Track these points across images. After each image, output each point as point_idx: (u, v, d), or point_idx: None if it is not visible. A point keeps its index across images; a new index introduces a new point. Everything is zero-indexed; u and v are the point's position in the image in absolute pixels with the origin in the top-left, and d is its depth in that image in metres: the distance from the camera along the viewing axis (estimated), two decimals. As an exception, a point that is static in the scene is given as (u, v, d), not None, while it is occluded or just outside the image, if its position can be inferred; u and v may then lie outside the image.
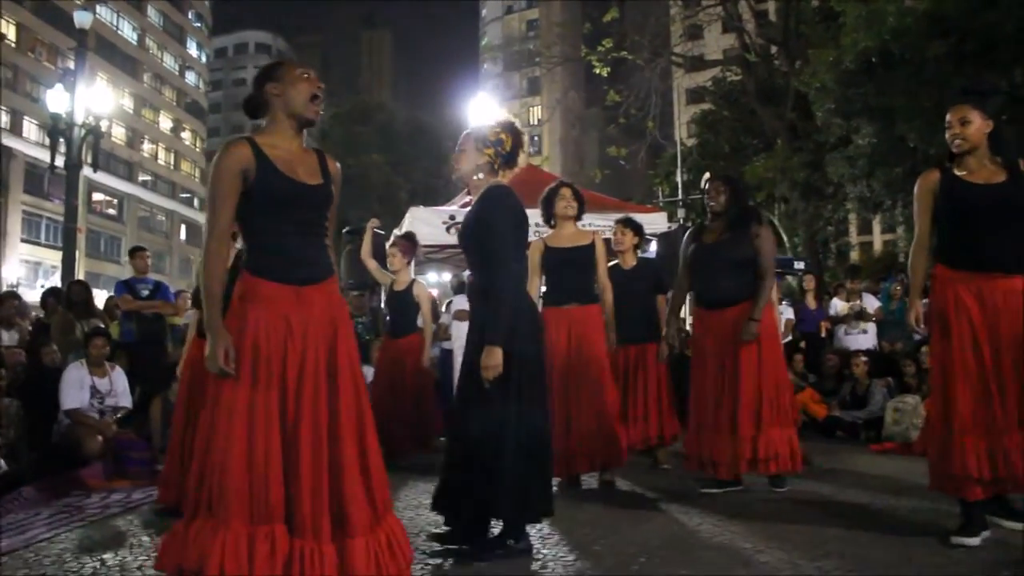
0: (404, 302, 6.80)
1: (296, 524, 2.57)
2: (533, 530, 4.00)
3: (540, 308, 5.31)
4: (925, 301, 4.05)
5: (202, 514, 2.56)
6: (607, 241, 5.80)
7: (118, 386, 6.68)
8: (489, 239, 3.55)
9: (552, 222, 5.39)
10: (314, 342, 2.72)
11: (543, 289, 5.42)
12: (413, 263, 7.27)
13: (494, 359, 3.43)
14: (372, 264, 7.20)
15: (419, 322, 6.91)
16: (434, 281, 16.12)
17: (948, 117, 3.82)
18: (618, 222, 6.23)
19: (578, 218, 5.37)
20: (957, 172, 3.82)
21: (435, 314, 8.82)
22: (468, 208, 9.82)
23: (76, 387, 6.44)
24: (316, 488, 2.60)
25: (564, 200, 5.28)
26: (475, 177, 3.80)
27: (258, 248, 2.81)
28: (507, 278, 3.53)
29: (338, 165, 3.07)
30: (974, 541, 3.55)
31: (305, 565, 2.53)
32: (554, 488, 5.12)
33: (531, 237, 8.58)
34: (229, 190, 2.71)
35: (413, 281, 7.00)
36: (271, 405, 2.62)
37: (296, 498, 2.58)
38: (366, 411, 2.77)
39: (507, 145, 3.80)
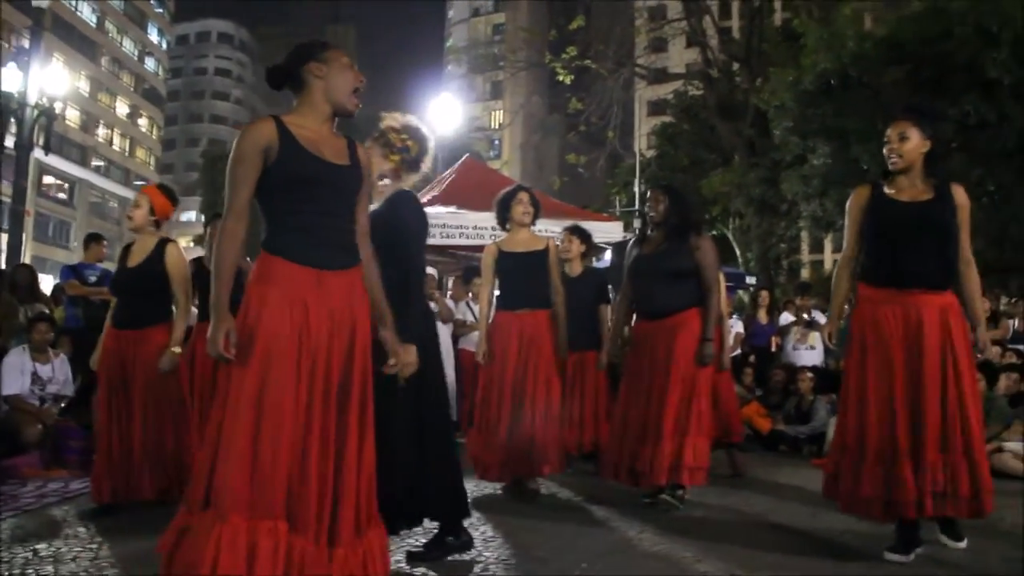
0: None
1: (299, 524, 2.44)
2: (476, 533, 4.00)
3: (493, 312, 5.33)
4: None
5: (199, 508, 2.41)
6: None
7: (60, 374, 6.56)
8: (400, 242, 3.49)
9: (507, 226, 5.36)
10: (331, 333, 2.59)
11: (496, 293, 5.39)
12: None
13: (412, 355, 3.34)
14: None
15: None
16: (388, 280, 16.06)
17: (888, 131, 3.83)
18: (566, 229, 6.24)
19: (532, 223, 5.36)
20: (887, 190, 3.82)
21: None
22: (427, 207, 9.80)
23: (16, 372, 6.31)
24: (323, 488, 2.49)
25: (522, 205, 5.25)
26: (380, 182, 3.74)
27: (278, 227, 2.64)
28: (418, 279, 3.55)
29: (368, 154, 3.00)
30: (906, 558, 3.60)
31: (305, 568, 2.42)
32: (497, 492, 5.16)
33: (486, 240, 8.67)
34: (250, 167, 2.59)
35: None
36: (283, 394, 2.47)
37: (302, 496, 2.45)
38: (369, 415, 2.66)
39: (413, 151, 3.76)
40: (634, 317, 5.16)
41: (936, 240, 3.69)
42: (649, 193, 5.16)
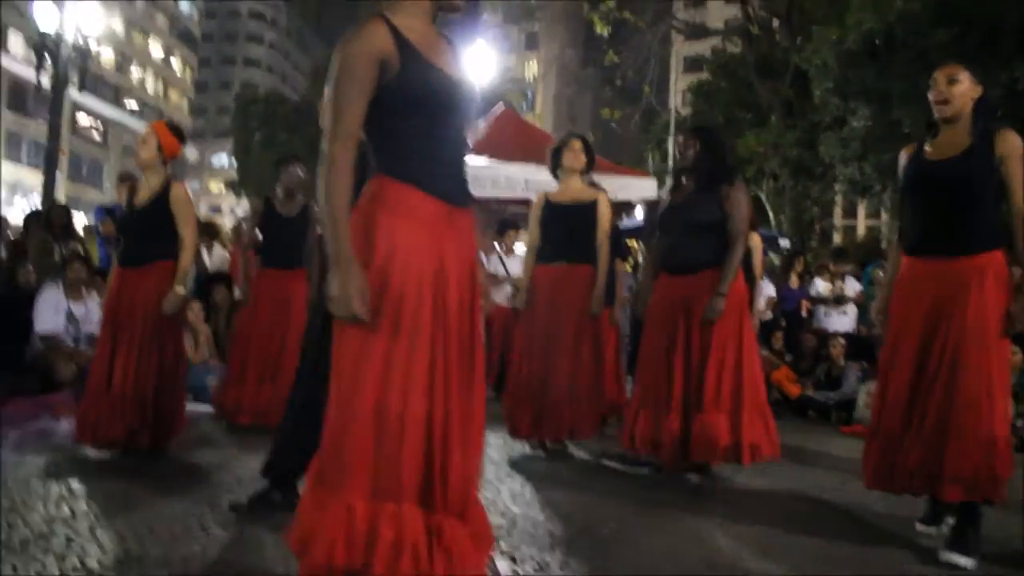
0: None
1: (434, 502, 2.11)
2: (504, 488, 4.01)
3: (533, 264, 5.16)
4: None
5: (321, 487, 2.12)
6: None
7: (94, 313, 6.59)
8: None
9: (557, 173, 5.20)
10: (460, 282, 2.23)
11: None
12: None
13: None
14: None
15: None
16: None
17: (935, 75, 3.45)
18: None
19: (586, 172, 5.17)
20: (927, 148, 3.51)
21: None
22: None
23: (51, 310, 6.37)
24: (464, 461, 2.17)
25: (572, 152, 5.07)
26: None
27: (401, 152, 2.21)
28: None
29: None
30: (936, 530, 3.55)
31: (450, 546, 2.10)
32: (527, 450, 5.14)
33: (518, 193, 8.60)
34: (365, 83, 2.15)
35: None
36: (417, 356, 2.11)
37: (439, 474, 2.12)
38: (482, 378, 2.31)
39: None
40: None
41: (960, 199, 3.34)
42: (681, 137, 4.78)
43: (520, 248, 8.60)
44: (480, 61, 17.89)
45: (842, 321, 9.10)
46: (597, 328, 5.12)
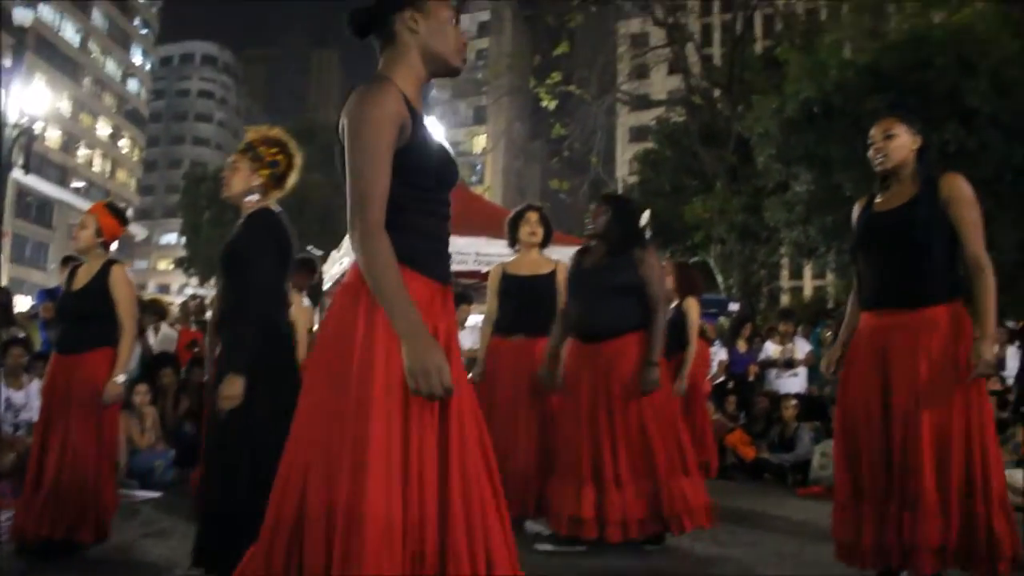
0: None
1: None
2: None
3: (490, 336, 5.11)
4: None
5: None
6: None
7: (35, 400, 6.40)
8: (245, 267, 3.33)
9: (515, 247, 5.18)
10: (459, 362, 2.19)
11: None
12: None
13: (234, 389, 3.15)
14: None
15: None
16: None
17: (872, 131, 3.43)
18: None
19: (543, 246, 5.15)
20: (876, 200, 3.46)
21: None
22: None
23: (-11, 398, 6.18)
24: (471, 530, 2.03)
25: (529, 225, 5.05)
26: (249, 198, 3.55)
27: (401, 225, 2.08)
28: (257, 303, 3.29)
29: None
30: None
31: None
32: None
33: (470, 266, 8.61)
34: (392, 146, 2.05)
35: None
36: (425, 433, 2.01)
37: (451, 547, 1.99)
38: (488, 444, 2.20)
39: (282, 166, 3.61)
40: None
41: (908, 249, 3.26)
42: (592, 204, 4.78)
43: (472, 321, 8.59)
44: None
45: (793, 382, 9.18)
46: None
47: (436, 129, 19.06)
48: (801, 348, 9.51)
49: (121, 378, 4.23)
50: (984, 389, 3.19)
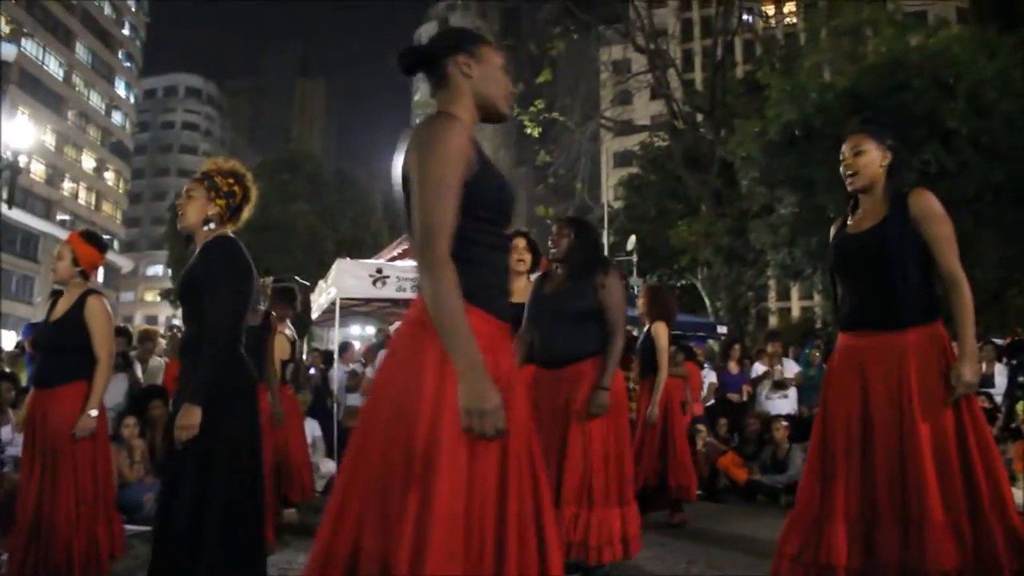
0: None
1: None
2: None
3: None
4: None
5: None
6: None
7: (20, 436, 6.37)
8: (206, 295, 3.30)
9: None
10: (524, 399, 2.19)
11: None
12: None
13: (191, 419, 3.12)
14: None
15: None
16: (357, 334, 15.95)
17: (842, 148, 3.37)
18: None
19: (532, 271, 5.00)
20: (850, 221, 3.39)
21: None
22: (393, 260, 9.70)
23: (-25, 433, 6.14)
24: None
25: (516, 252, 4.89)
26: (205, 228, 3.52)
27: (469, 262, 2.06)
28: (215, 332, 3.26)
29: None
30: None
31: None
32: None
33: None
34: (458, 180, 2.04)
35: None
36: (488, 478, 1.98)
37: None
38: (544, 483, 2.16)
39: (238, 197, 3.60)
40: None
41: (881, 269, 3.18)
42: (554, 227, 4.56)
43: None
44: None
45: (783, 403, 9.20)
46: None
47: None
48: (789, 369, 9.56)
49: (94, 412, 4.06)
50: (976, 404, 3.10)
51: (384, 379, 2.10)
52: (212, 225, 3.50)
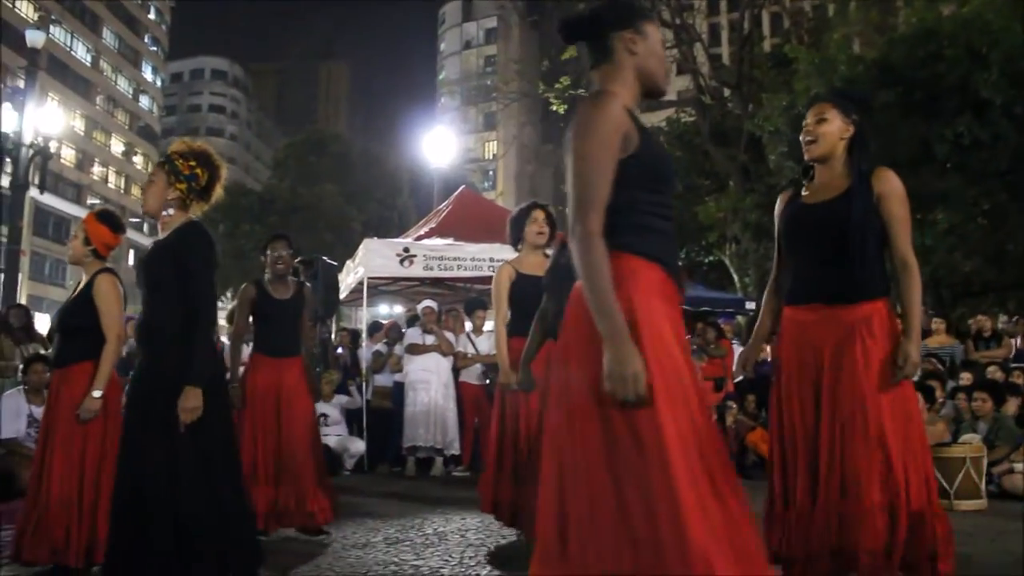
0: None
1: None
2: (484, 572, 3.92)
3: (506, 338, 4.75)
4: None
5: None
6: None
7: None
8: (189, 276, 3.29)
9: (519, 247, 4.91)
10: (691, 359, 2.22)
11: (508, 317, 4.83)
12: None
13: (195, 400, 3.14)
14: None
15: None
16: (385, 313, 16.02)
17: (806, 114, 3.34)
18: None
19: (547, 245, 4.84)
20: (804, 192, 3.34)
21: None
22: (420, 240, 9.71)
23: (13, 415, 6.24)
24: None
25: (536, 224, 4.79)
26: (165, 212, 3.47)
27: (644, 227, 2.17)
28: (207, 317, 3.30)
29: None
30: None
31: None
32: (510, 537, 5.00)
33: (484, 272, 8.62)
34: (615, 155, 2.11)
35: None
36: (686, 432, 2.00)
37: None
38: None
39: (202, 179, 3.53)
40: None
41: (840, 243, 3.11)
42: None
43: (489, 326, 8.61)
44: (440, 143, 18.16)
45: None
46: None
47: (446, 136, 19.15)
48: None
49: (97, 393, 3.99)
50: (912, 390, 3.14)
51: (582, 354, 2.07)
52: (171, 211, 3.46)
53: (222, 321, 11.41)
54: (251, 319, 5.32)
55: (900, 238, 3.14)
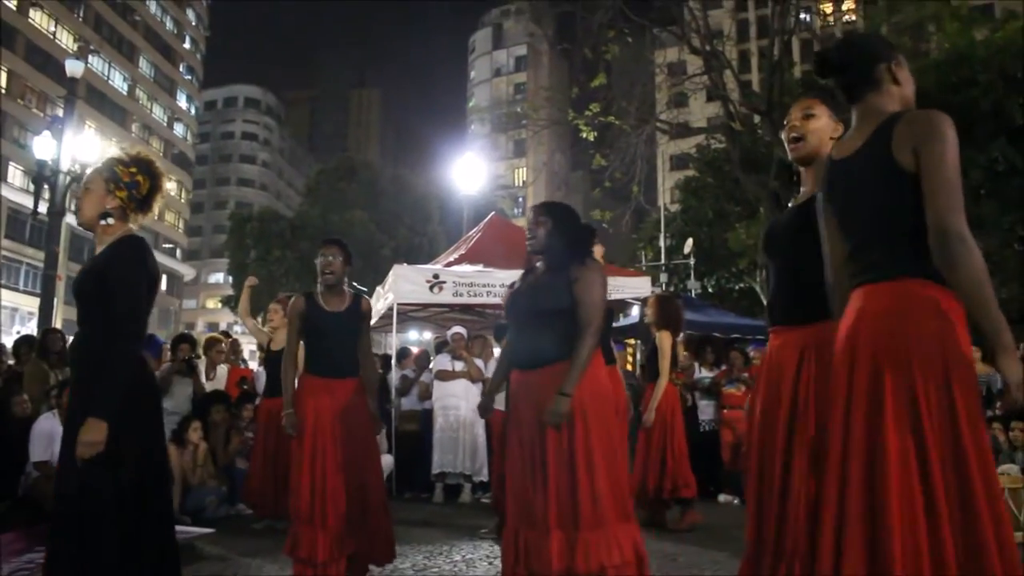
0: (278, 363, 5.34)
1: None
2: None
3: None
4: None
5: None
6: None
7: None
8: (115, 297, 3.01)
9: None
10: None
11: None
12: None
13: (97, 434, 2.83)
14: (251, 322, 7.40)
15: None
16: (415, 340, 16.04)
17: (791, 111, 3.01)
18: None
19: None
20: (792, 203, 3.06)
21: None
22: (450, 266, 9.72)
23: (46, 439, 6.29)
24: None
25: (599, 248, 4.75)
26: (103, 222, 3.23)
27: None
28: (127, 342, 3.01)
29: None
30: None
31: None
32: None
33: (502, 297, 8.62)
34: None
35: None
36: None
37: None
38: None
39: (143, 188, 3.32)
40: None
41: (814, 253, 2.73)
42: (531, 214, 3.94)
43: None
44: (470, 170, 18.26)
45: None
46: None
47: (476, 163, 19.22)
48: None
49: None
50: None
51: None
52: (111, 220, 3.22)
53: (252, 346, 11.49)
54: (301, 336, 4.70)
55: (934, 203, 2.69)
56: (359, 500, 4.26)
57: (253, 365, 11.62)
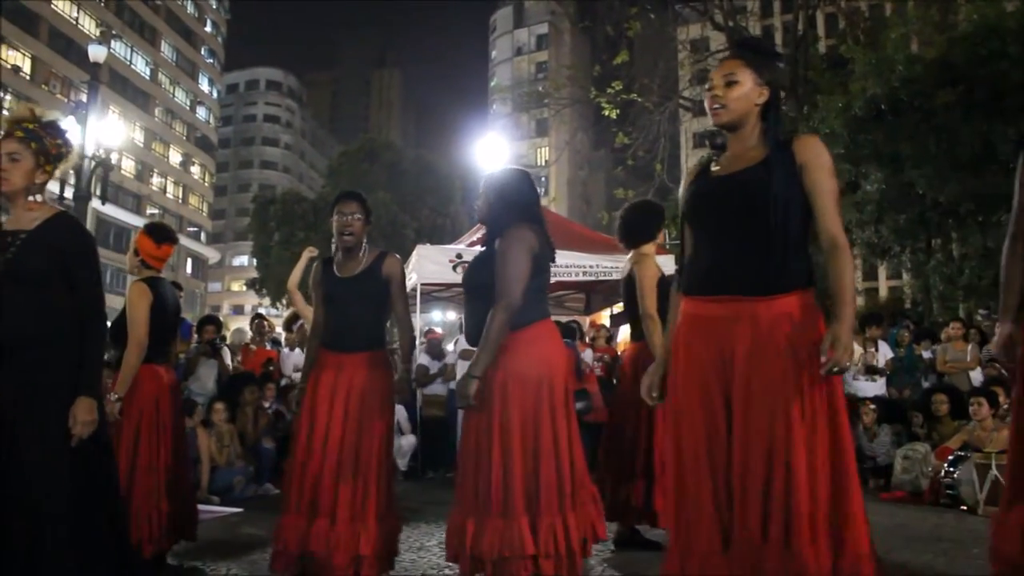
0: None
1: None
2: None
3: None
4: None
5: None
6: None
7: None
8: (78, 282, 2.91)
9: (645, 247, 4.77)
10: None
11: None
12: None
13: (90, 413, 2.78)
14: (298, 297, 7.16)
15: None
16: (439, 320, 16.08)
17: (711, 74, 2.76)
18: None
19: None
20: (713, 166, 2.77)
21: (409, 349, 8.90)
22: (475, 246, 9.73)
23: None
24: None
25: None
26: (30, 198, 2.97)
27: None
28: (103, 324, 3.01)
29: None
30: None
31: None
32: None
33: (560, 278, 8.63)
34: None
35: None
36: None
37: None
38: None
39: (68, 160, 3.14)
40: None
41: (757, 219, 2.55)
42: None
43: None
44: (492, 150, 18.22)
45: (872, 387, 8.96)
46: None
47: (498, 143, 19.17)
48: (884, 354, 9.25)
49: (112, 396, 3.90)
50: (841, 397, 2.52)
51: None
52: (38, 197, 3.01)
53: (280, 329, 11.57)
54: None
55: (830, 213, 2.56)
56: (353, 491, 3.70)
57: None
